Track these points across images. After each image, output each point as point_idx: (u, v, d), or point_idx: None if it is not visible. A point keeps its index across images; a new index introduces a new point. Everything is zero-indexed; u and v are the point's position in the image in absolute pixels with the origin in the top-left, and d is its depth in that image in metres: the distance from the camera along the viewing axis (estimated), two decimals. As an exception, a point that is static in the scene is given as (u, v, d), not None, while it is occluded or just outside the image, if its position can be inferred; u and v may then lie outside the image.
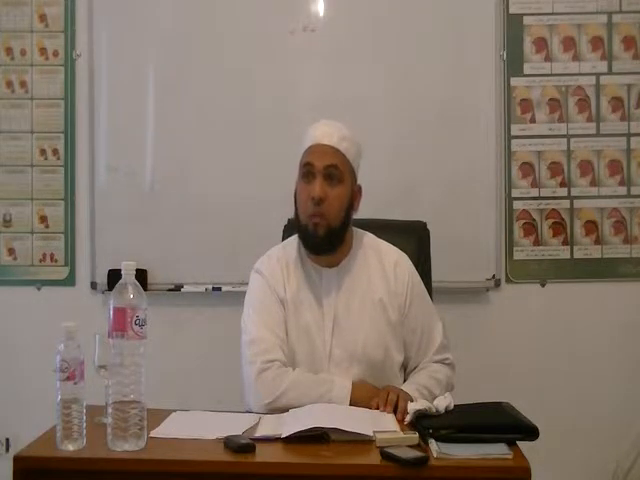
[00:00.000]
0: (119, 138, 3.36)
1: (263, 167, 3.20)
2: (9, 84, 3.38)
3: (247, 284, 2.42)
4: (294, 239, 2.42)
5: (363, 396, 2.18)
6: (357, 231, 2.42)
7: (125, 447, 1.79)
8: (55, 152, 3.38)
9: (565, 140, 3.34)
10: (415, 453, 1.76)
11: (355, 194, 2.37)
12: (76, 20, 3.36)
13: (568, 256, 3.35)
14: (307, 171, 2.29)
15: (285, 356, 2.27)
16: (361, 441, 1.85)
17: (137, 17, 3.34)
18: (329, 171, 2.28)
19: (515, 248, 3.35)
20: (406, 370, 2.41)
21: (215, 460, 1.79)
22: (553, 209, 3.35)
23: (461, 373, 2.49)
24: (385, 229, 2.61)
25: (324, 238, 2.30)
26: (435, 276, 2.72)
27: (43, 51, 3.37)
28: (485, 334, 3.33)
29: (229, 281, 3.25)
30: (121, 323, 1.80)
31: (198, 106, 3.30)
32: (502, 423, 1.89)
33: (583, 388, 3.32)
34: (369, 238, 2.44)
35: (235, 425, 1.96)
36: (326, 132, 2.32)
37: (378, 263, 2.39)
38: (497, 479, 1.77)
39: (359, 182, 2.39)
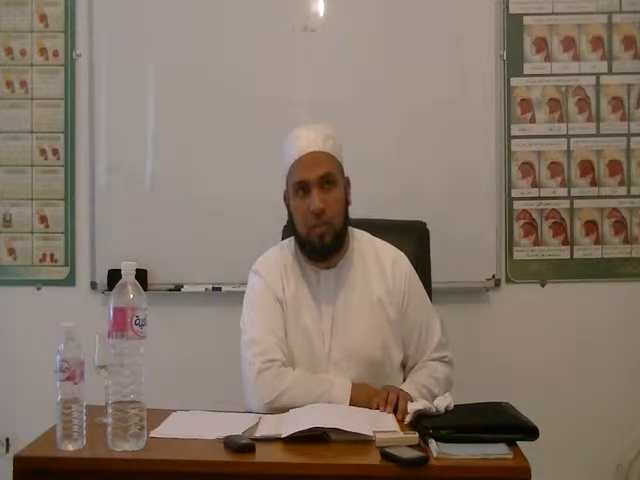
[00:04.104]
0: (119, 138, 3.36)
1: (263, 167, 3.19)
2: (9, 84, 3.38)
3: (247, 284, 2.42)
4: (289, 241, 2.42)
5: (363, 396, 2.18)
6: (352, 230, 2.42)
7: (125, 447, 1.79)
8: (55, 152, 3.38)
9: (565, 140, 3.34)
10: (415, 453, 1.76)
11: (346, 187, 2.37)
12: (76, 20, 3.36)
13: (568, 256, 3.35)
14: (301, 188, 2.28)
15: (284, 356, 2.27)
16: (361, 441, 1.85)
17: (137, 17, 3.34)
18: (324, 179, 2.27)
19: (515, 248, 3.35)
20: (405, 368, 2.41)
21: (215, 460, 1.79)
22: (553, 209, 3.35)
23: (461, 373, 2.49)
24: (385, 229, 2.61)
25: (331, 244, 2.30)
26: (435, 276, 2.72)
27: (43, 51, 3.37)
28: (485, 334, 3.33)
29: (229, 281, 3.25)
30: (121, 323, 1.80)
31: (198, 106, 3.30)
32: (502, 423, 1.89)
33: (583, 388, 3.32)
34: (365, 237, 2.44)
35: (235, 425, 1.96)
36: (310, 138, 2.29)
37: (375, 262, 2.39)
38: (497, 479, 1.77)
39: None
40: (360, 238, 2.43)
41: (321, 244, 2.29)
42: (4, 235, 3.39)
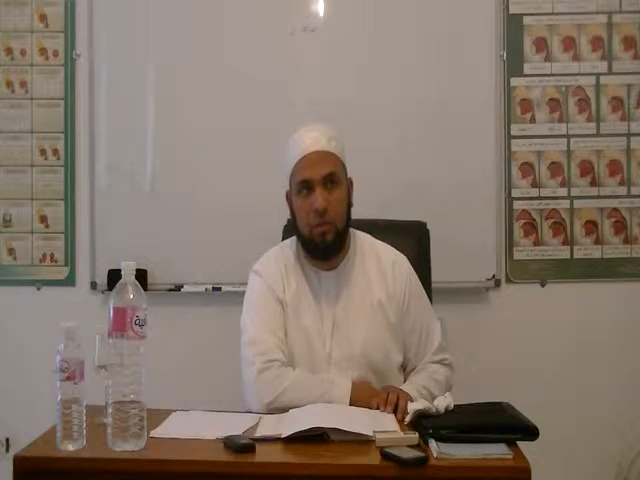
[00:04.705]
0: (119, 138, 3.36)
1: (263, 167, 3.20)
2: (9, 84, 3.38)
3: (247, 284, 2.42)
4: (291, 242, 2.42)
5: (363, 396, 2.18)
6: (354, 232, 2.42)
7: (125, 447, 1.80)
8: (55, 152, 3.38)
9: (565, 140, 3.34)
10: (415, 453, 1.76)
11: (349, 188, 2.36)
12: (76, 20, 3.36)
13: (568, 256, 3.35)
14: (305, 186, 2.28)
15: (285, 356, 2.27)
16: (361, 441, 1.85)
17: (137, 17, 3.34)
18: (327, 179, 2.27)
19: (515, 248, 3.35)
20: (405, 370, 2.41)
21: (215, 460, 1.79)
22: (553, 209, 3.35)
23: (461, 373, 2.49)
24: (385, 229, 2.61)
25: (333, 243, 2.30)
26: (435, 276, 2.72)
27: (43, 51, 3.37)
28: (485, 334, 3.33)
29: (229, 281, 3.25)
30: (121, 323, 1.80)
31: (198, 106, 3.30)
32: (502, 423, 1.89)
33: (583, 388, 3.32)
34: (366, 238, 2.44)
35: (235, 425, 1.96)
36: (313, 138, 2.29)
37: (376, 264, 2.38)
38: (497, 479, 1.77)
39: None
40: (361, 240, 2.42)
41: (323, 242, 2.29)
42: (4, 235, 3.39)
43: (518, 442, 1.86)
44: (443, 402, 1.98)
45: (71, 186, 3.39)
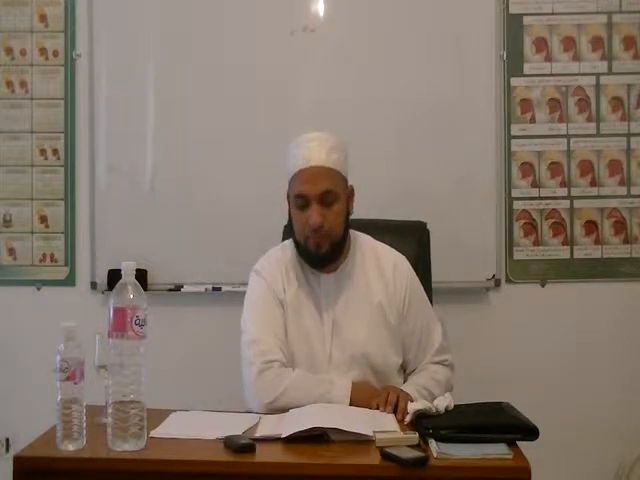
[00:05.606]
0: (119, 138, 3.35)
1: (263, 167, 3.20)
2: (9, 84, 3.38)
3: (247, 284, 2.42)
4: (290, 242, 2.41)
5: (363, 396, 2.18)
6: (354, 233, 2.41)
7: (125, 447, 1.80)
8: (55, 152, 3.38)
9: (565, 140, 3.34)
10: (415, 453, 1.76)
11: (349, 197, 2.35)
12: (76, 20, 3.36)
13: (568, 256, 3.35)
14: (301, 200, 2.27)
15: (285, 357, 2.27)
16: (361, 441, 1.85)
17: (137, 17, 3.34)
18: (324, 196, 2.26)
19: (515, 248, 3.35)
20: (405, 372, 2.41)
21: (215, 460, 1.80)
22: (553, 209, 3.35)
23: (461, 373, 2.49)
24: (385, 229, 2.61)
25: (327, 253, 2.30)
26: (435, 276, 2.72)
27: (43, 51, 3.37)
28: (485, 334, 3.33)
29: (229, 281, 3.25)
30: (121, 323, 1.80)
31: (198, 106, 3.30)
32: (502, 423, 1.89)
33: (583, 388, 3.32)
34: (366, 240, 2.43)
35: (235, 425, 1.96)
36: (313, 151, 2.26)
37: (376, 266, 2.38)
38: (497, 479, 1.77)
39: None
40: (362, 242, 2.42)
41: (317, 252, 2.29)
42: (4, 235, 3.39)
43: (518, 442, 1.86)
44: (443, 402, 1.98)
45: (71, 186, 3.39)
